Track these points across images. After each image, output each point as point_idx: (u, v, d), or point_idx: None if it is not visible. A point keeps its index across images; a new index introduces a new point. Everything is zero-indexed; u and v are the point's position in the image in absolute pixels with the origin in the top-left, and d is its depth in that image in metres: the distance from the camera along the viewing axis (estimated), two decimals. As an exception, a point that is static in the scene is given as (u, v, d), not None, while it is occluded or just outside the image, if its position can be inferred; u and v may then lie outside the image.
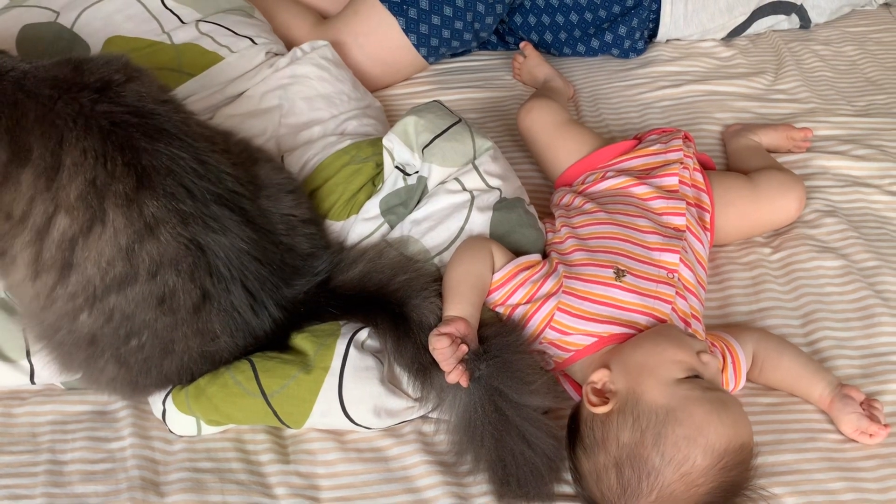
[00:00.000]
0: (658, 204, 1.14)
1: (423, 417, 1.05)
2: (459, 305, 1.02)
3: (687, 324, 1.06)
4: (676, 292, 1.06)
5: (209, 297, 0.98)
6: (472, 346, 0.98)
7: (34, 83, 0.97)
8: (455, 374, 0.95)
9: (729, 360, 1.06)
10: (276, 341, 1.04)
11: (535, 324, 1.05)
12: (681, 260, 1.08)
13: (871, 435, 1.01)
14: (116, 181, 0.94)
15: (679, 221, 1.13)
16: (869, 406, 1.04)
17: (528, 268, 1.08)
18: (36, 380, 1.07)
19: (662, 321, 1.03)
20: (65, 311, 0.97)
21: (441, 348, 0.96)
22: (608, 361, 0.98)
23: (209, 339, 1.00)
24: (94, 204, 0.93)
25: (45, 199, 0.93)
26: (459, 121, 1.18)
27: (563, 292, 1.04)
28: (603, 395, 0.95)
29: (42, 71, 0.99)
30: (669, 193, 1.16)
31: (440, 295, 1.05)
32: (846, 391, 1.04)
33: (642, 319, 1.04)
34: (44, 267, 0.95)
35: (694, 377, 0.94)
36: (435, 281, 1.06)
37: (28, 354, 1.07)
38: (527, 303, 1.06)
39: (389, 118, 1.44)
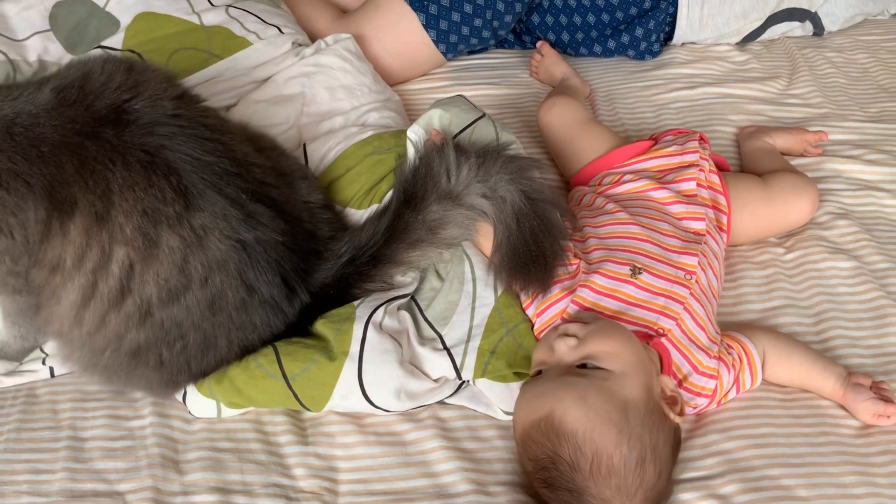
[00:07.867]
0: (678, 209, 1.16)
1: (441, 402, 1.06)
2: None
3: (701, 327, 1.06)
4: (691, 293, 1.07)
5: (253, 291, 0.99)
6: None
7: (52, 131, 0.93)
8: None
9: (745, 360, 1.07)
10: (302, 327, 1.05)
11: (549, 315, 1.06)
12: (699, 263, 1.09)
13: (888, 416, 1.03)
14: (168, 206, 0.94)
15: (699, 226, 1.14)
16: (878, 389, 1.05)
17: None
18: (49, 363, 1.09)
19: (673, 319, 1.04)
20: (116, 333, 0.97)
21: None
22: None
23: (250, 330, 1.01)
24: (150, 231, 0.94)
25: (100, 239, 0.93)
26: (483, 115, 1.19)
27: (580, 285, 1.06)
28: None
29: (53, 114, 0.94)
30: (689, 198, 1.17)
31: None
32: (854, 380, 1.06)
33: (652, 317, 1.04)
34: (98, 297, 0.95)
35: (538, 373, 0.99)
36: None
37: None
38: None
39: (408, 112, 1.45)
